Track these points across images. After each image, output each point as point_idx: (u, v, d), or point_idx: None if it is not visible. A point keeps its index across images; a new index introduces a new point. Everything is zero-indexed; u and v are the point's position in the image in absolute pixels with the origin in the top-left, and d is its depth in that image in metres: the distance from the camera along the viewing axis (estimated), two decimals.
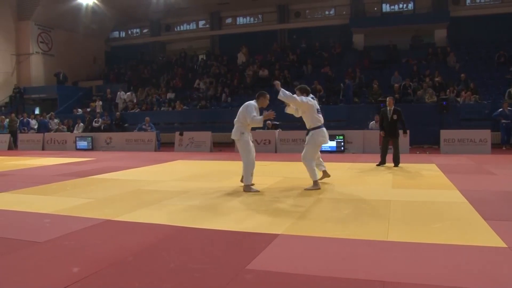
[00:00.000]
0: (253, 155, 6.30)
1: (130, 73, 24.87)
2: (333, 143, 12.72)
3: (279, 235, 3.73)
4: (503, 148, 13.10)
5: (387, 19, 22.42)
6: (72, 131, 18.49)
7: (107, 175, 8.19)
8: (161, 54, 27.07)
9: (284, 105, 6.63)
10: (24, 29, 23.29)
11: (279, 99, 6.15)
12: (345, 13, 23.40)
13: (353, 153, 12.52)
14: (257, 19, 25.65)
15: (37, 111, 23.51)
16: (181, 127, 17.12)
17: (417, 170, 8.31)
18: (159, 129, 16.74)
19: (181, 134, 15.30)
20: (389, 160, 8.99)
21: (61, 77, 23.58)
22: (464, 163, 9.36)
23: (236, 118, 6.25)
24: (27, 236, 3.85)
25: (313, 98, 6.52)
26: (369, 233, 3.74)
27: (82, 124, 18.73)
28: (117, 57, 27.63)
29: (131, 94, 21.06)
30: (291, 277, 2.77)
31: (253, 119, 6.01)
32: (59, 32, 24.58)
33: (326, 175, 6.82)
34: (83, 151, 15.89)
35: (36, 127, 19.17)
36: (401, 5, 22.57)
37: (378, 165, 8.94)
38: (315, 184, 6.26)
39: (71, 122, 19.41)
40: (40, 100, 24.16)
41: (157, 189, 6.35)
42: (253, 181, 6.31)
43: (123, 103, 20.88)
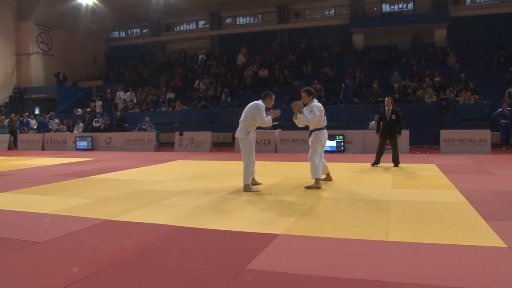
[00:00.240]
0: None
1: (127, 74, 24.84)
2: (333, 143, 12.73)
3: (279, 235, 3.73)
4: (503, 148, 13.10)
5: (387, 19, 22.42)
6: (72, 131, 18.50)
7: (107, 175, 8.19)
8: (161, 54, 27.06)
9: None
10: (24, 29, 23.30)
11: (301, 119, 6.29)
12: (345, 13, 23.40)
13: (353, 153, 12.53)
14: (257, 19, 25.64)
15: (37, 111, 23.52)
16: (181, 127, 17.12)
17: (417, 170, 8.31)
18: (159, 129, 16.73)
19: (181, 134, 15.30)
20: (387, 160, 8.99)
21: (61, 77, 23.58)
22: (464, 163, 9.37)
23: (242, 117, 6.28)
24: (27, 236, 3.85)
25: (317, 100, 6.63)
26: (369, 233, 3.74)
27: (82, 124, 18.73)
28: (117, 57, 27.63)
29: (131, 94, 21.06)
30: (291, 277, 2.77)
31: (263, 119, 6.14)
32: (59, 32, 24.58)
33: (328, 179, 6.91)
34: (83, 151, 15.89)
35: (35, 127, 19.19)
36: (401, 5, 22.58)
37: (372, 165, 8.93)
38: (317, 182, 6.34)
39: (71, 122, 19.41)
40: (40, 100, 24.16)
41: (157, 189, 6.35)
42: (255, 183, 6.43)
43: (122, 103, 20.88)
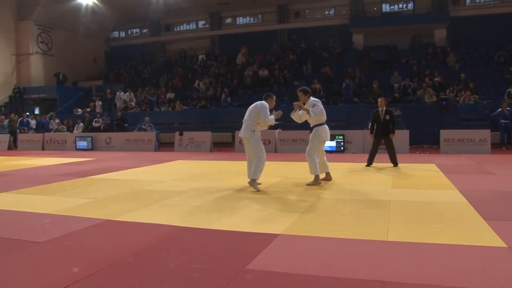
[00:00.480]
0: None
1: (126, 74, 24.82)
2: (333, 143, 12.74)
3: (279, 235, 3.73)
4: (503, 148, 13.10)
5: (387, 19, 22.43)
6: (72, 131, 18.50)
7: (107, 175, 8.19)
8: (161, 54, 27.06)
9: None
10: (24, 29, 23.30)
11: (312, 117, 6.45)
12: (345, 13, 23.40)
13: (353, 153, 12.53)
14: (257, 19, 25.65)
15: (37, 111, 23.52)
16: (181, 127, 17.12)
17: (417, 170, 8.31)
18: (159, 129, 16.73)
19: (181, 134, 15.30)
20: (385, 160, 9.00)
21: (61, 77, 23.58)
22: (464, 163, 9.37)
23: (246, 117, 6.35)
24: (27, 236, 3.85)
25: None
26: (369, 233, 3.74)
27: (82, 124, 18.73)
28: (117, 57, 27.63)
29: (129, 94, 21.03)
30: (291, 277, 2.77)
31: (268, 118, 6.28)
32: (59, 32, 24.59)
33: (328, 178, 6.92)
34: (83, 151, 15.89)
35: (34, 127, 19.17)
36: (401, 5, 22.58)
37: (367, 166, 8.92)
38: (316, 179, 6.46)
39: (71, 122, 19.41)
40: (40, 100, 24.17)
41: (157, 189, 6.35)
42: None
43: (122, 103, 20.86)
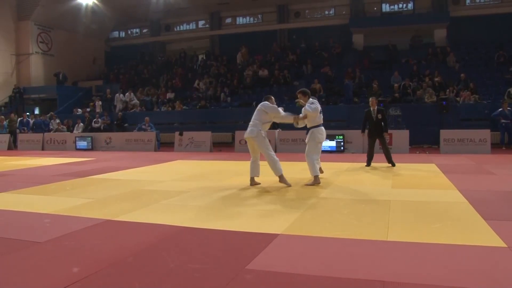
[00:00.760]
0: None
1: (122, 76, 24.78)
2: (333, 143, 12.73)
3: (279, 235, 3.73)
4: (503, 148, 13.09)
5: (386, 19, 22.42)
6: (72, 131, 18.49)
7: (107, 175, 8.19)
8: (161, 54, 27.05)
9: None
10: (23, 29, 23.27)
11: (306, 110, 6.54)
12: (344, 13, 23.40)
13: (353, 153, 12.52)
14: (256, 19, 25.64)
15: (37, 111, 23.51)
16: (181, 127, 17.12)
17: (417, 170, 8.31)
18: (159, 129, 16.73)
19: (181, 134, 15.29)
20: (384, 160, 9.00)
21: (61, 77, 23.55)
22: (464, 163, 9.37)
23: (252, 119, 6.44)
24: (27, 236, 3.85)
25: (314, 98, 6.90)
26: (369, 233, 3.74)
27: (82, 124, 18.72)
28: (117, 57, 27.62)
29: (130, 94, 20.99)
30: (291, 277, 2.77)
31: (282, 114, 6.53)
32: (58, 32, 24.56)
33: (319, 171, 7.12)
34: (83, 151, 15.89)
35: (32, 127, 19.15)
36: (400, 5, 22.57)
37: (367, 166, 8.96)
38: (316, 179, 6.55)
39: (71, 122, 19.41)
40: (39, 100, 24.15)
41: (157, 189, 6.35)
42: (255, 183, 6.60)
43: (122, 104, 20.81)
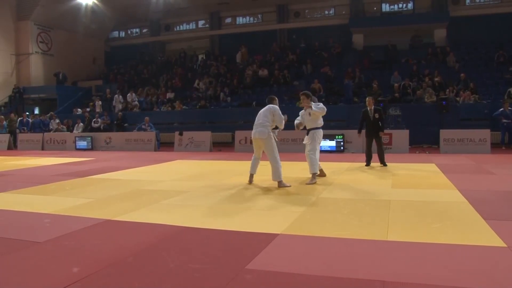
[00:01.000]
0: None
1: (119, 77, 24.74)
2: (333, 143, 12.72)
3: (278, 235, 3.73)
4: (503, 147, 13.09)
5: (386, 19, 22.40)
6: (71, 131, 18.49)
7: (107, 175, 8.19)
8: (161, 54, 27.04)
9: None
10: (23, 29, 23.25)
11: (314, 110, 6.77)
12: (344, 13, 23.39)
13: (353, 152, 12.52)
14: (256, 19, 25.63)
15: (37, 111, 23.50)
16: (180, 127, 17.11)
17: (416, 170, 8.32)
18: (159, 129, 16.72)
19: (181, 134, 15.29)
20: (377, 159, 9.01)
21: (61, 77, 23.55)
22: (463, 163, 9.37)
23: (260, 120, 6.54)
24: (27, 236, 3.84)
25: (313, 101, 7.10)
26: (369, 233, 3.74)
27: (81, 124, 18.72)
28: (117, 57, 27.61)
29: (131, 94, 20.97)
30: (291, 277, 2.77)
31: (282, 119, 6.64)
32: (58, 32, 24.55)
33: (322, 174, 7.33)
34: (83, 151, 15.89)
35: (29, 127, 19.12)
36: (400, 5, 22.56)
37: (366, 166, 9.00)
38: (313, 177, 6.77)
39: (71, 122, 19.40)
40: (39, 100, 24.14)
41: (157, 189, 6.34)
42: (253, 181, 6.77)
43: (122, 104, 20.78)
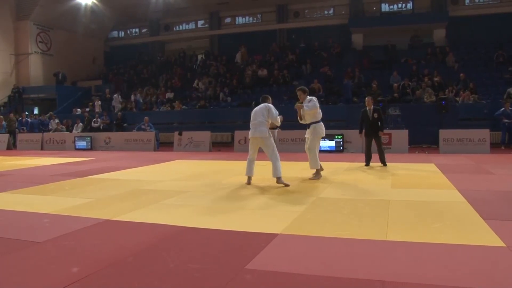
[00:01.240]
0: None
1: (115, 77, 24.70)
2: (332, 143, 12.73)
3: (278, 234, 3.73)
4: (502, 147, 13.09)
5: (386, 19, 22.42)
6: (71, 131, 18.48)
7: (106, 175, 8.19)
8: (160, 54, 27.04)
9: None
10: (23, 29, 23.24)
11: (306, 110, 6.96)
12: (344, 13, 23.40)
13: (352, 152, 12.52)
14: (256, 19, 25.64)
15: (36, 111, 23.49)
16: (180, 127, 17.11)
17: (416, 169, 8.32)
18: (158, 129, 16.71)
19: (180, 134, 15.29)
20: (377, 159, 9.01)
21: (60, 77, 23.54)
22: (463, 163, 9.37)
23: (258, 118, 6.58)
24: (26, 236, 3.84)
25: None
26: (369, 233, 3.74)
27: (81, 124, 18.71)
28: (116, 57, 27.59)
29: (134, 94, 20.91)
30: (290, 277, 2.77)
31: (277, 118, 6.73)
32: (58, 32, 24.54)
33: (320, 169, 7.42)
34: (82, 151, 15.88)
35: (27, 127, 19.12)
36: (400, 5, 22.58)
37: (366, 165, 8.99)
38: (317, 173, 6.94)
39: (70, 122, 19.39)
40: (39, 100, 24.14)
41: (156, 189, 6.34)
42: (251, 181, 6.77)
43: (121, 104, 20.77)
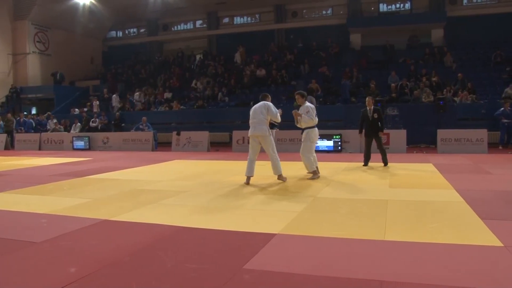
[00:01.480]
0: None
1: (110, 79, 24.67)
2: (330, 143, 12.74)
3: (276, 234, 3.73)
4: (499, 147, 13.12)
5: (384, 19, 22.44)
6: (69, 131, 18.44)
7: (104, 175, 8.18)
8: (158, 54, 27.01)
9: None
10: (20, 28, 23.17)
11: (301, 121, 7.09)
12: (342, 12, 23.42)
13: (350, 152, 12.54)
14: (254, 18, 25.63)
15: (34, 111, 23.44)
16: (178, 127, 17.09)
17: (414, 169, 8.33)
18: (156, 129, 16.70)
19: (178, 134, 15.27)
20: (379, 159, 9.02)
21: (58, 77, 23.49)
22: (461, 163, 9.39)
23: (257, 116, 6.68)
24: (24, 236, 3.83)
25: (310, 100, 7.42)
26: (367, 233, 3.75)
27: (79, 124, 18.68)
28: (115, 57, 27.55)
29: (139, 94, 20.87)
30: (288, 277, 2.77)
31: (277, 115, 6.82)
32: (56, 31, 24.48)
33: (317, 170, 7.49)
34: (80, 151, 15.85)
35: (33, 126, 19.11)
36: (398, 5, 22.61)
37: (364, 165, 8.98)
38: (315, 173, 7.10)
39: (68, 122, 19.36)
40: (37, 100, 24.09)
41: (154, 189, 6.34)
42: (250, 181, 6.80)
43: (120, 104, 20.75)
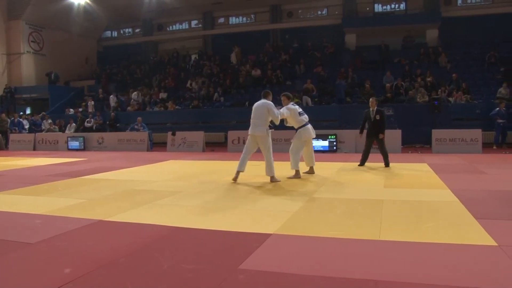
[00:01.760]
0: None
1: (104, 80, 24.59)
2: (326, 143, 12.77)
3: (271, 234, 3.74)
4: (494, 147, 13.20)
5: (379, 19, 22.52)
6: (64, 131, 18.35)
7: (99, 175, 8.15)
8: (153, 54, 26.94)
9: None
10: (15, 28, 23.01)
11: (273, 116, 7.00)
12: (337, 13, 23.46)
13: (346, 152, 12.57)
14: (249, 19, 25.63)
15: (28, 111, 23.30)
16: (173, 127, 17.05)
17: (409, 169, 8.37)
18: (152, 129, 16.65)
19: (174, 134, 15.24)
20: (377, 159, 9.04)
21: (53, 77, 23.36)
22: (455, 163, 9.44)
23: (256, 117, 6.76)
24: (19, 237, 3.81)
25: (293, 104, 7.60)
26: (362, 233, 3.76)
27: (74, 124, 18.59)
28: (110, 57, 27.45)
29: (137, 94, 20.79)
30: (284, 277, 2.78)
31: (277, 114, 6.84)
32: (50, 31, 24.34)
33: (311, 171, 7.69)
34: (75, 151, 15.78)
35: (27, 127, 19.02)
36: (393, 5, 22.70)
37: (359, 165, 8.98)
38: (296, 173, 7.24)
39: (63, 122, 19.26)
40: (31, 100, 23.94)
41: (150, 189, 6.32)
42: (238, 175, 6.98)
43: (116, 104, 20.67)
